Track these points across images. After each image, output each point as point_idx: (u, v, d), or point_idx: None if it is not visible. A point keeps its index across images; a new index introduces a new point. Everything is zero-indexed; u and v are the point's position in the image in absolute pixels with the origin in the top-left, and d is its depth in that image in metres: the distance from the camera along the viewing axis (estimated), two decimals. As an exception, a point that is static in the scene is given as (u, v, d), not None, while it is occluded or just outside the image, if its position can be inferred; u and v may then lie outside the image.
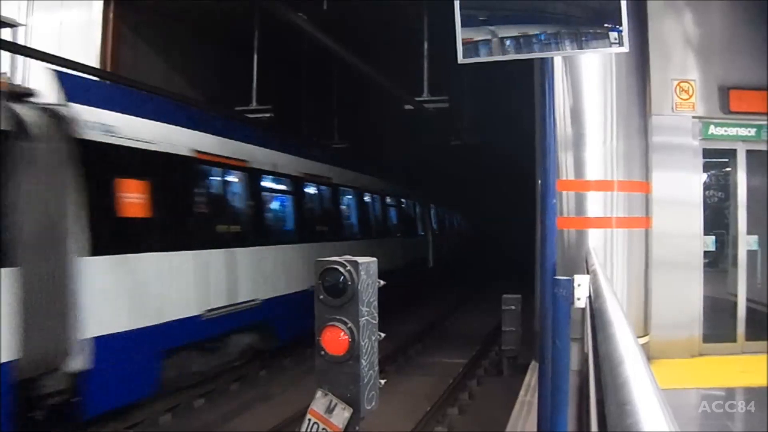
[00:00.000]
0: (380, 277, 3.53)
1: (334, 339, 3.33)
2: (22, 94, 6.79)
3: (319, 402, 3.37)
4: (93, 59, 10.97)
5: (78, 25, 11.47)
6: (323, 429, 3.33)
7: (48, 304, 6.37)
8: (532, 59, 4.22)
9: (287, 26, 11.00)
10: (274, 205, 11.73)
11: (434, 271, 22.88)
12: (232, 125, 11.36)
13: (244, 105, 13.16)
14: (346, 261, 3.37)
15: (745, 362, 7.86)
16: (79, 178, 6.78)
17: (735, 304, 8.61)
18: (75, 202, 6.74)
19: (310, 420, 3.37)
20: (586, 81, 7.59)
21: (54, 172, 6.60)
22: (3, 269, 5.71)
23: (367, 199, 16.88)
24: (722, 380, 7.37)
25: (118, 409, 7.39)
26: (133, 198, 7.52)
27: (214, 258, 9.06)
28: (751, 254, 8.72)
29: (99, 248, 6.91)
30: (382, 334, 3.50)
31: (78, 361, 6.68)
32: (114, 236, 7.37)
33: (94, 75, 8.39)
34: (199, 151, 8.90)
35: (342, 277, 3.32)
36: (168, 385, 8.23)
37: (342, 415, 3.31)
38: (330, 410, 3.33)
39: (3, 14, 7.24)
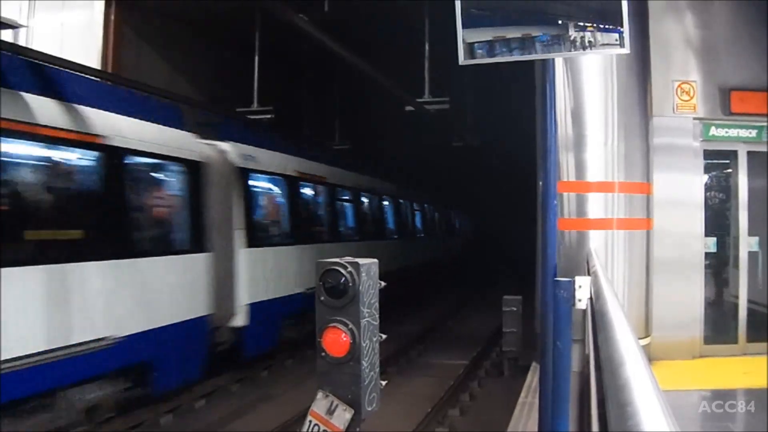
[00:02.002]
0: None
1: (335, 340, 3.32)
2: None
3: (320, 403, 3.37)
4: (94, 60, 10.99)
5: (79, 26, 11.48)
6: (324, 430, 3.33)
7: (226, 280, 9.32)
8: (533, 60, 4.22)
9: (289, 27, 11.01)
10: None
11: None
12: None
13: (245, 106, 13.18)
14: (347, 262, 3.36)
15: (747, 363, 7.86)
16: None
17: (736, 306, 8.60)
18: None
19: (311, 421, 3.37)
20: (587, 82, 7.59)
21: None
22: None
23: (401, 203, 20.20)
24: (723, 382, 7.36)
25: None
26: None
27: None
28: (752, 255, 8.72)
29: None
30: (383, 336, 3.50)
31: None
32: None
33: (95, 77, 8.37)
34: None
35: (343, 279, 3.32)
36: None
37: (343, 416, 3.31)
38: (331, 411, 3.33)
39: (4, 15, 7.23)
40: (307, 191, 12.86)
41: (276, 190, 11.62)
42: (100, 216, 7.21)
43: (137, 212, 8.01)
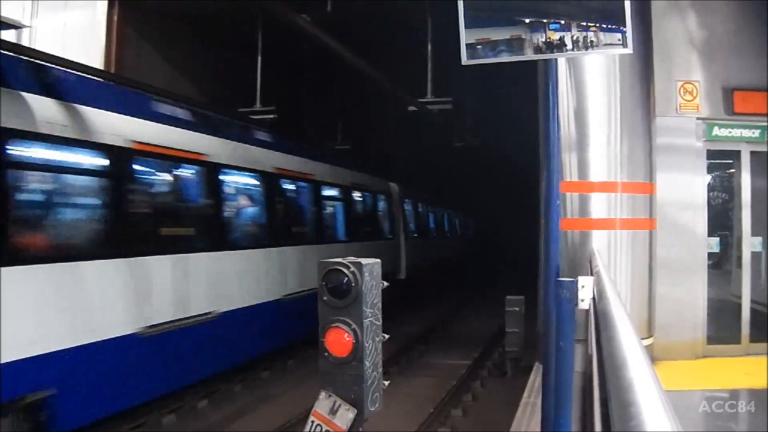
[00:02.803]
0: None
1: (337, 340, 3.33)
2: None
3: (323, 403, 3.37)
4: (97, 61, 10.99)
5: (82, 26, 11.50)
6: (327, 430, 3.33)
7: (397, 254, 16.94)
8: (535, 60, 4.21)
9: (290, 27, 11.01)
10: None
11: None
12: None
13: (246, 106, 13.17)
14: (349, 262, 3.36)
15: (749, 364, 7.84)
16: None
17: (739, 306, 8.59)
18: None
19: (313, 422, 3.37)
20: (590, 82, 7.58)
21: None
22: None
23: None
24: (726, 382, 7.35)
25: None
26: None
27: None
28: (755, 256, 8.70)
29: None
30: (386, 336, 3.50)
31: None
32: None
33: (98, 77, 8.38)
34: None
35: (346, 279, 3.32)
36: None
37: (346, 416, 3.31)
38: (334, 411, 3.33)
39: (9, 16, 7.23)
40: (421, 209, 22.67)
41: (411, 209, 20.84)
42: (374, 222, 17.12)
43: (380, 220, 17.60)
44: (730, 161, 8.96)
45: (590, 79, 7.57)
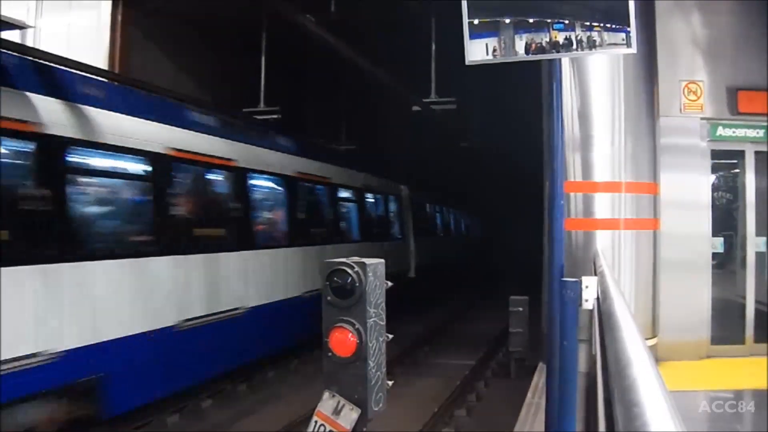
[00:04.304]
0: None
1: (341, 340, 3.33)
2: None
3: (327, 403, 3.37)
4: (101, 61, 11.02)
5: (86, 27, 11.52)
6: (330, 430, 3.33)
7: None
8: (539, 60, 4.21)
9: (294, 28, 11.02)
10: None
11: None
12: None
13: (250, 106, 13.17)
14: (353, 262, 3.36)
15: (754, 364, 7.82)
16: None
17: (743, 307, 8.57)
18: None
19: (316, 422, 3.37)
20: (594, 82, 7.57)
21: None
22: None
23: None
24: (730, 383, 7.33)
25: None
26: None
27: None
28: (759, 256, 8.67)
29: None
30: (390, 336, 3.50)
31: None
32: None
33: (101, 77, 8.41)
34: None
35: (350, 279, 3.32)
36: None
37: (350, 416, 3.31)
38: (337, 411, 3.33)
39: (12, 16, 7.26)
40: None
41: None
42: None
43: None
44: (734, 161, 8.93)
45: (594, 79, 7.56)
